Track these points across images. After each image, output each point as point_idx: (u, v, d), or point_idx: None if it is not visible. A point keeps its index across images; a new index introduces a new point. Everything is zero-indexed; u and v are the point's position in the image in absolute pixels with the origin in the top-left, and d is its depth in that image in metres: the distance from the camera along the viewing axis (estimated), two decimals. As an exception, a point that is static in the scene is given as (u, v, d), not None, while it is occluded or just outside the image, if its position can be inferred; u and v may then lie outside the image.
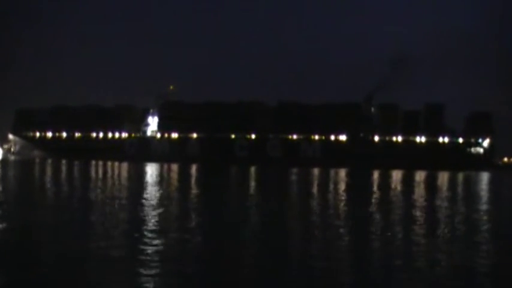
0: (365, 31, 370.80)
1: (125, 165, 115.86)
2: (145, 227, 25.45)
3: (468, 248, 22.55)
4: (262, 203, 39.51)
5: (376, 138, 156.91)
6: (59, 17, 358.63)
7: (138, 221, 27.69)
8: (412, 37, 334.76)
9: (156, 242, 21.69)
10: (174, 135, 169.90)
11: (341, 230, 26.50)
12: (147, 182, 59.25)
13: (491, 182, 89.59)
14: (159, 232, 24.13)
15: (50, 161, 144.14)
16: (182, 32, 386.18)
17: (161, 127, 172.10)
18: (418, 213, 34.85)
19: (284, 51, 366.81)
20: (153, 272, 16.90)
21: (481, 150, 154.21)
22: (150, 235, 23.29)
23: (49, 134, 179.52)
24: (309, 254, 20.40)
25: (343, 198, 45.94)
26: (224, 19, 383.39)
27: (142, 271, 16.94)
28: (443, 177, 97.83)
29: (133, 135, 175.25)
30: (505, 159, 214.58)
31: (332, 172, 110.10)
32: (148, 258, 18.71)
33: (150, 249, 20.10)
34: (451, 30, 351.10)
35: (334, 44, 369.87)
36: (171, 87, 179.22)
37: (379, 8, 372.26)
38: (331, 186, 62.00)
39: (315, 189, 57.33)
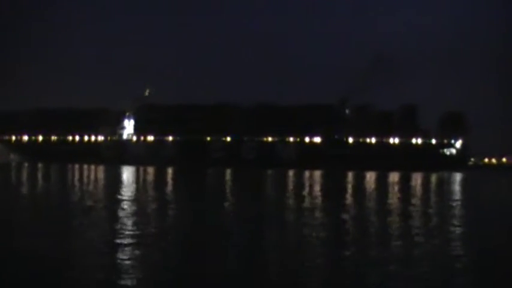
0: (341, 33, 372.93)
1: (100, 169, 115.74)
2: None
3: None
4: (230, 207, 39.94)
5: (351, 139, 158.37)
6: (34, 20, 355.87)
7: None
8: (387, 38, 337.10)
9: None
10: (150, 138, 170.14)
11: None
12: (120, 188, 59.14)
13: (463, 183, 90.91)
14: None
15: (26, 164, 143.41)
16: (158, 34, 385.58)
17: (137, 130, 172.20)
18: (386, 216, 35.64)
19: (259, 53, 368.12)
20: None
21: (454, 150, 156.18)
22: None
23: (25, 138, 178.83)
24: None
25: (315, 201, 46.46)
26: (199, 21, 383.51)
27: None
28: (408, 178, 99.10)
29: (109, 138, 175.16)
30: (486, 159, 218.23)
31: (307, 174, 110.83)
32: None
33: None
34: (426, 31, 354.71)
35: (310, 45, 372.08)
36: (147, 90, 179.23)
37: (355, 10, 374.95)
38: (305, 189, 62.41)
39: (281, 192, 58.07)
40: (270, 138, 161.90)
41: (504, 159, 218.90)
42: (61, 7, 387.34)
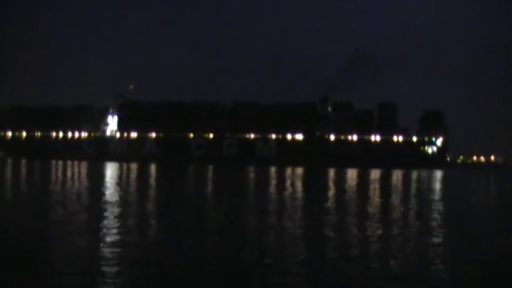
0: (322, 31, 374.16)
1: (83, 165, 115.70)
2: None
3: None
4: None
5: (332, 137, 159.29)
6: (15, 17, 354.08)
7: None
8: (368, 37, 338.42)
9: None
10: (133, 134, 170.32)
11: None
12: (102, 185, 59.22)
13: (444, 180, 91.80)
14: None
15: (9, 161, 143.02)
16: (140, 32, 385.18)
17: (120, 127, 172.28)
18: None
19: (241, 51, 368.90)
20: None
21: (434, 148, 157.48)
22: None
23: (9, 134, 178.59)
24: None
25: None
26: (181, 19, 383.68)
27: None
28: (382, 175, 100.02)
29: (92, 134, 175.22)
30: (474, 157, 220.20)
31: (288, 171, 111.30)
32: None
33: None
34: (406, 31, 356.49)
35: (291, 44, 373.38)
36: (130, 87, 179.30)
37: (336, 9, 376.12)
38: (286, 186, 62.85)
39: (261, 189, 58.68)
40: (251, 136, 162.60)
41: (492, 157, 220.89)
42: (43, 3, 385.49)
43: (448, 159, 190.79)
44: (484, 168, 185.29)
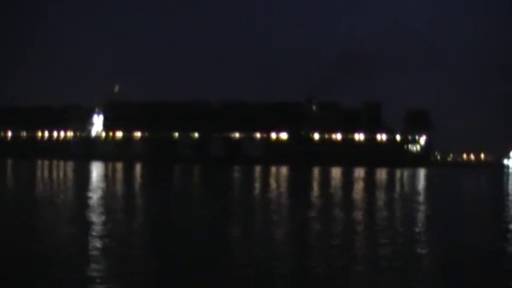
0: (308, 31, 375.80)
1: (69, 165, 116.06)
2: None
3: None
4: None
5: (316, 136, 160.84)
6: (4, 16, 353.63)
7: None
8: (354, 37, 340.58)
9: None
10: (119, 134, 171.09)
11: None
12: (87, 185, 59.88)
13: (428, 179, 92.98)
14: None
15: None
16: (127, 32, 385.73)
17: (106, 126, 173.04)
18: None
19: (228, 51, 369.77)
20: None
21: (418, 147, 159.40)
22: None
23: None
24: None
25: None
26: (168, 19, 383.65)
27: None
28: (363, 174, 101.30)
29: (79, 134, 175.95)
30: (464, 156, 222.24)
31: (273, 169, 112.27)
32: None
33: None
34: (391, 30, 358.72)
35: (277, 43, 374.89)
36: (117, 87, 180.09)
37: (322, 9, 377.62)
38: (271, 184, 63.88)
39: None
40: (237, 135, 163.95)
41: (482, 156, 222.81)
42: (28, 4, 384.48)
43: (439, 157, 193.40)
44: (472, 167, 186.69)
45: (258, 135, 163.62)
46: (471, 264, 18.36)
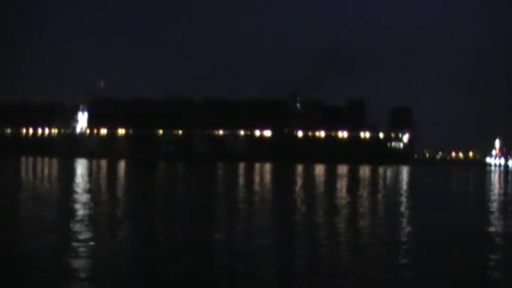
0: (292, 27, 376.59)
1: (52, 162, 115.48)
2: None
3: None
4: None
5: (300, 133, 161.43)
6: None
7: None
8: (338, 34, 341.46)
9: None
10: (103, 131, 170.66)
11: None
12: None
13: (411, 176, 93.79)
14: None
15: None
16: (111, 28, 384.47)
17: (90, 123, 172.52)
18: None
19: (211, 48, 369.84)
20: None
21: (401, 144, 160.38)
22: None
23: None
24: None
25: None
26: (152, 15, 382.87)
27: None
28: (342, 171, 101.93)
29: (63, 131, 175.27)
30: (453, 154, 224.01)
31: (256, 167, 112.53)
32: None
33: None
34: (376, 27, 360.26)
35: (261, 40, 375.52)
36: (101, 83, 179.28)
37: (306, 5, 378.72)
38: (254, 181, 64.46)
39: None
40: (220, 132, 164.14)
41: (471, 154, 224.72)
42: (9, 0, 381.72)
43: (427, 155, 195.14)
44: (456, 165, 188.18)
45: (241, 132, 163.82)
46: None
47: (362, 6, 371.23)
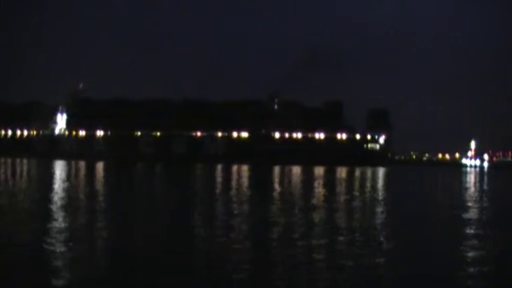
0: (272, 28, 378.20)
1: (30, 163, 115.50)
2: None
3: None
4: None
5: (277, 134, 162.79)
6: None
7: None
8: (317, 36, 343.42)
9: None
10: (82, 132, 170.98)
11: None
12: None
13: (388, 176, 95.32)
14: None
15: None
16: (91, 29, 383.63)
17: (69, 124, 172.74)
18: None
19: (189, 49, 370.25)
20: None
21: (377, 146, 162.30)
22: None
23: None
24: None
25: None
26: (130, 15, 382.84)
27: None
28: (319, 172, 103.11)
29: (41, 132, 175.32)
30: (440, 155, 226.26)
31: (234, 168, 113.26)
32: None
33: None
34: (356, 29, 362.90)
35: (240, 41, 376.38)
36: (81, 84, 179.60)
37: (287, 6, 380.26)
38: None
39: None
40: (198, 133, 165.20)
41: (457, 155, 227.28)
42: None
43: (414, 156, 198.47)
44: (435, 166, 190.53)
45: (219, 133, 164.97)
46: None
47: (341, 8, 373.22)
